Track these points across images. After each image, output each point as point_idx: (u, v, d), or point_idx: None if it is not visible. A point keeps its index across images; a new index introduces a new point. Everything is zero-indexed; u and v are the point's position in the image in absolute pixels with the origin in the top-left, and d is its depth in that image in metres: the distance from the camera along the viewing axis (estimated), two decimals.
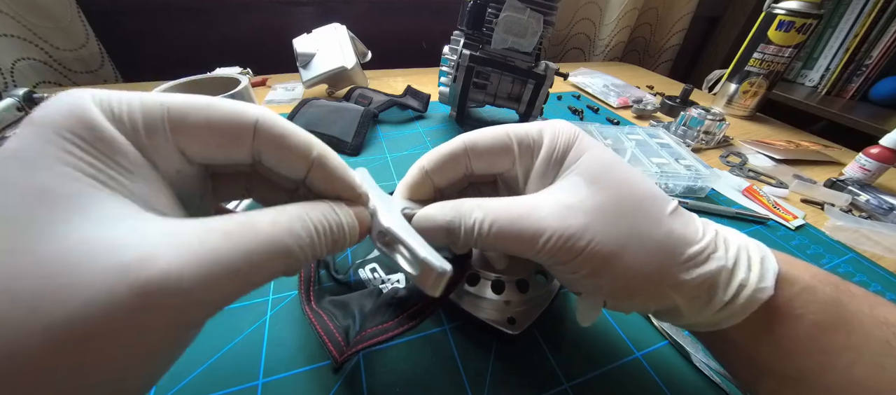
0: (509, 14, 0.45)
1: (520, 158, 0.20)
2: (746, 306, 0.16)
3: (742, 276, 0.16)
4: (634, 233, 0.16)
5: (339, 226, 0.15)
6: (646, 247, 0.16)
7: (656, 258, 0.16)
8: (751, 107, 0.70)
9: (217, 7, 0.72)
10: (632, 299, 0.18)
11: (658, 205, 0.17)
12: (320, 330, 0.23)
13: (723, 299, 0.16)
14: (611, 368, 0.24)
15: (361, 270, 0.30)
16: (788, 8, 0.60)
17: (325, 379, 0.22)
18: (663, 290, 0.17)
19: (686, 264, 0.16)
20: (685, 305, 0.17)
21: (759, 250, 0.17)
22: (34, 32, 0.58)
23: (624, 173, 0.18)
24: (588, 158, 0.18)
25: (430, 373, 0.23)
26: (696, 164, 0.44)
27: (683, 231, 0.17)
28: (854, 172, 0.48)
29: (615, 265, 0.17)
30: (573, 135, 0.19)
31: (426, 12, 0.87)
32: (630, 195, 0.17)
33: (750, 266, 0.16)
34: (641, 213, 0.17)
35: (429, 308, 0.22)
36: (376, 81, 0.72)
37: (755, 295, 0.16)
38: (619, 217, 0.17)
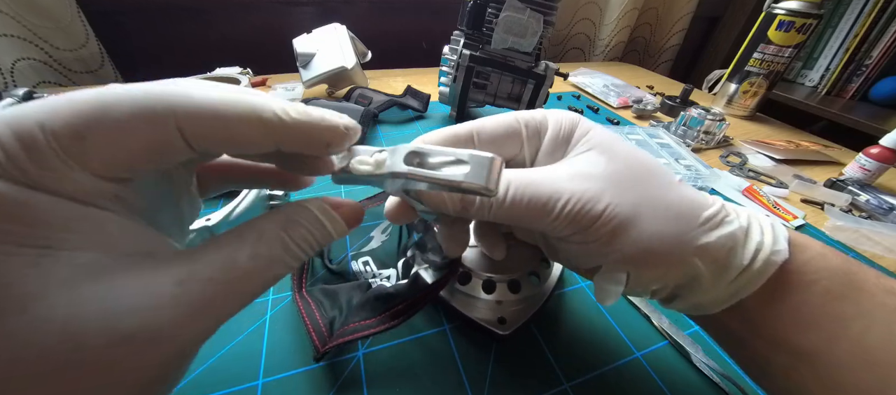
0: (509, 14, 0.45)
1: (528, 140, 0.20)
2: (763, 271, 0.16)
3: (757, 239, 0.16)
4: (649, 197, 0.17)
5: (324, 234, 0.14)
6: (662, 210, 0.17)
7: (674, 221, 0.17)
8: (751, 107, 0.70)
9: (217, 7, 0.72)
10: (654, 267, 0.17)
11: (667, 174, 0.18)
12: (306, 319, 0.24)
13: (742, 262, 0.16)
14: (611, 368, 0.24)
15: (354, 262, 0.30)
16: (788, 8, 0.60)
17: (325, 379, 0.22)
18: (685, 255, 0.16)
19: (703, 226, 0.17)
20: (707, 270, 0.16)
21: (767, 219, 0.17)
22: (34, 32, 0.58)
23: (629, 147, 0.19)
24: (595, 134, 0.19)
25: (431, 373, 0.23)
26: (696, 164, 0.44)
27: (695, 196, 0.17)
28: (854, 173, 0.48)
29: (633, 230, 0.16)
30: (575, 117, 0.20)
31: (426, 12, 0.87)
32: (640, 164, 0.18)
33: (762, 231, 0.17)
34: (654, 179, 0.17)
35: (411, 310, 0.22)
36: (376, 81, 0.72)
37: (772, 258, 0.16)
38: (634, 182, 0.17)
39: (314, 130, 0.13)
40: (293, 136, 0.12)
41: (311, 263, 0.29)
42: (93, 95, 0.10)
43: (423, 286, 0.23)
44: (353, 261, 0.30)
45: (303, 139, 0.13)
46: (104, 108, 0.10)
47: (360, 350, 0.24)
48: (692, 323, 0.27)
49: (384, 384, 0.22)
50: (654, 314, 0.27)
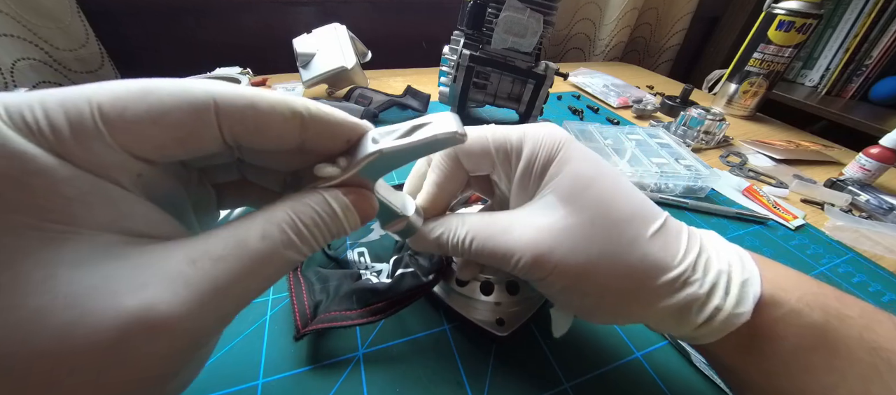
0: (509, 14, 0.45)
1: (499, 164, 0.20)
2: (721, 329, 0.16)
3: (717, 302, 0.16)
4: (605, 255, 0.17)
5: (334, 219, 0.14)
6: (616, 271, 0.17)
7: (626, 283, 0.17)
8: (751, 107, 0.70)
9: (217, 7, 0.72)
10: (600, 316, 0.19)
11: (635, 227, 0.17)
12: (294, 299, 0.24)
13: (695, 321, 0.16)
14: (611, 368, 0.24)
15: (351, 251, 0.30)
16: (788, 8, 0.60)
17: (325, 379, 0.22)
18: (632, 311, 0.18)
19: (658, 290, 0.16)
20: (655, 325, 0.18)
21: (742, 272, 0.17)
22: (34, 32, 0.58)
23: (602, 193, 0.17)
24: (566, 177, 0.18)
25: (430, 373, 0.23)
26: (696, 164, 0.44)
27: (660, 256, 0.17)
28: (854, 172, 0.48)
29: (584, 285, 0.17)
30: (555, 145, 0.18)
31: (426, 12, 0.87)
32: (603, 218, 0.17)
33: (728, 290, 0.16)
34: (615, 236, 0.17)
35: (391, 308, 0.23)
36: (376, 81, 0.72)
37: (730, 319, 0.16)
38: (590, 241, 0.17)
39: (337, 126, 0.14)
40: (319, 129, 0.13)
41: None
42: (138, 80, 0.11)
43: (406, 288, 0.23)
44: (350, 250, 0.30)
45: (327, 134, 0.14)
46: (148, 89, 0.11)
47: (360, 350, 0.24)
48: None
49: (384, 384, 0.22)
50: None
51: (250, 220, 0.12)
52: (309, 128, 0.13)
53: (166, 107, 0.11)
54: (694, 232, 0.18)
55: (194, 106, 0.11)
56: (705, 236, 0.19)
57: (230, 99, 0.11)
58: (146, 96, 0.10)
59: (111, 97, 0.10)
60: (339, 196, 0.14)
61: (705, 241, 0.18)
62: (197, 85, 0.11)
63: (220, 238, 0.11)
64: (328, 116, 0.13)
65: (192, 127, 0.11)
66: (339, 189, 0.14)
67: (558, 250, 0.17)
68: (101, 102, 0.10)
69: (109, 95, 0.10)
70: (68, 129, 0.10)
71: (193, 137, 0.11)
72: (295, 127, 0.13)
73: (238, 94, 0.11)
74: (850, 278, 0.34)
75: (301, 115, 0.12)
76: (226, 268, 0.11)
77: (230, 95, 0.11)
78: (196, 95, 0.11)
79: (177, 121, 0.11)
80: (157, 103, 0.10)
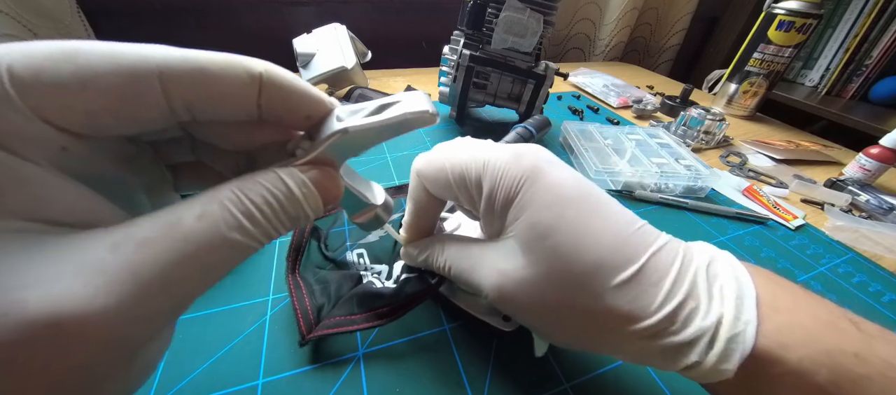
0: (509, 14, 0.45)
1: (460, 197, 0.19)
2: (705, 377, 0.15)
3: (695, 357, 0.15)
4: (566, 306, 0.16)
5: (290, 199, 0.12)
6: (579, 320, 0.16)
7: (592, 329, 0.16)
8: (751, 107, 0.70)
9: (217, 7, 0.72)
10: (576, 348, 0.20)
11: (598, 279, 0.15)
12: (296, 303, 0.24)
13: (675, 367, 0.15)
14: (611, 368, 0.24)
15: (350, 252, 0.30)
16: (788, 8, 0.60)
17: (325, 379, 0.22)
18: (606, 349, 0.17)
19: (628, 336, 0.16)
20: (636, 363, 0.18)
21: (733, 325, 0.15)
22: (34, 33, 0.58)
23: (561, 243, 0.16)
24: (523, 223, 0.17)
25: (430, 373, 0.23)
26: (696, 164, 0.44)
27: (628, 308, 0.15)
28: (854, 172, 0.48)
29: (548, 328, 0.18)
30: (516, 182, 0.17)
31: (426, 12, 0.87)
32: (561, 272, 0.16)
33: (712, 345, 0.15)
34: (573, 290, 0.16)
35: (395, 313, 0.23)
36: (376, 81, 0.72)
37: (712, 374, 0.15)
38: (548, 292, 0.16)
39: (298, 94, 0.12)
40: (277, 95, 0.12)
41: (308, 246, 0.29)
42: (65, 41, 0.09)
43: (409, 294, 0.23)
44: (350, 250, 0.30)
45: (286, 102, 0.12)
46: (76, 49, 0.09)
47: (360, 350, 0.24)
48: None
49: (384, 384, 0.22)
50: None
51: (189, 201, 0.11)
52: (266, 93, 0.11)
53: (97, 70, 0.09)
54: (687, 268, 0.16)
55: (133, 69, 0.09)
56: (705, 266, 0.16)
57: (176, 61, 0.10)
58: (74, 57, 0.09)
59: (24, 57, 0.08)
60: (294, 173, 0.12)
61: (700, 281, 0.16)
62: (136, 47, 0.10)
63: (150, 220, 0.10)
64: (288, 82, 0.12)
65: (130, 93, 0.09)
66: (297, 167, 0.13)
67: (520, 296, 0.17)
68: (11, 62, 0.08)
69: (22, 54, 0.09)
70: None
71: (131, 106, 0.10)
72: (251, 92, 0.11)
73: (185, 56, 0.10)
74: (850, 278, 0.34)
75: (260, 77, 0.11)
76: (152, 253, 0.09)
77: (176, 57, 0.10)
78: (134, 56, 0.09)
79: (110, 86, 0.09)
80: (86, 65, 0.09)
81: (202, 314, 0.25)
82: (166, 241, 0.09)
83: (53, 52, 0.09)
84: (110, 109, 0.10)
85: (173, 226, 0.10)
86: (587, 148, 0.47)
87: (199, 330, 0.24)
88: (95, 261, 0.09)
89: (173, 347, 0.23)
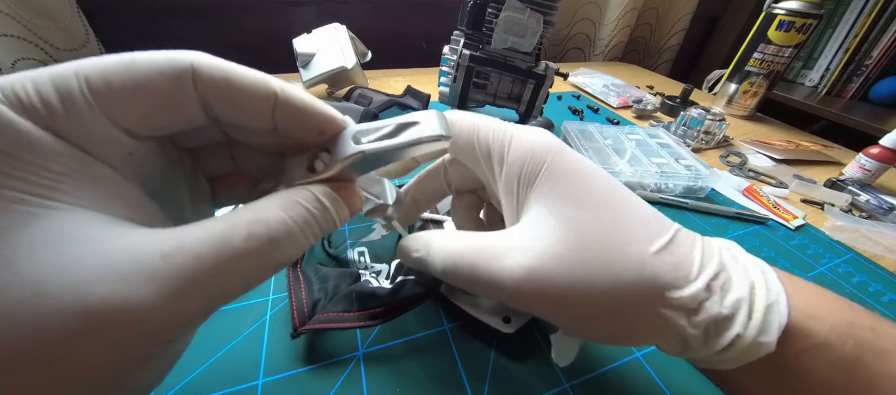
0: (509, 14, 0.45)
1: (482, 159, 0.19)
2: (741, 357, 0.14)
3: (738, 329, 0.14)
4: (608, 280, 0.15)
5: (325, 215, 0.13)
6: (622, 296, 0.15)
7: (635, 307, 0.15)
8: (751, 107, 0.70)
9: (217, 7, 0.72)
10: (611, 341, 0.17)
11: (638, 245, 0.15)
12: (292, 295, 0.24)
13: (713, 347, 0.15)
14: (611, 368, 0.24)
15: (351, 250, 0.30)
16: (788, 8, 0.60)
17: (325, 379, 0.22)
18: (643, 334, 0.16)
19: (670, 312, 0.15)
20: (668, 349, 0.16)
21: (767, 295, 0.14)
22: (34, 32, 0.58)
23: (600, 211, 0.16)
24: (558, 193, 0.16)
25: (430, 373, 0.23)
26: (696, 164, 0.44)
27: (670, 275, 0.15)
28: (854, 172, 0.48)
29: (581, 316, 0.16)
30: (543, 155, 0.17)
31: (426, 12, 0.87)
32: (602, 238, 0.15)
33: (750, 316, 0.14)
34: (617, 255, 0.15)
35: (388, 315, 0.23)
36: (376, 81, 0.72)
37: (752, 349, 0.14)
38: (589, 266, 0.15)
39: (307, 113, 0.13)
40: (289, 113, 0.13)
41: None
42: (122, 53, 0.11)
43: (405, 296, 0.23)
44: (351, 249, 0.30)
45: (297, 119, 0.13)
46: (132, 59, 0.11)
47: (360, 350, 0.24)
48: None
49: (384, 384, 0.22)
50: None
51: (236, 216, 0.12)
52: (281, 109, 0.13)
53: (148, 74, 0.11)
54: (711, 245, 0.16)
55: (175, 71, 0.11)
56: (725, 249, 0.16)
57: (208, 67, 0.11)
58: (129, 66, 0.11)
59: (96, 69, 0.10)
60: (328, 192, 0.14)
61: (726, 256, 0.16)
62: (177, 53, 0.11)
63: (202, 231, 0.11)
64: (298, 101, 0.13)
65: (173, 93, 0.11)
66: (327, 184, 0.14)
67: (556, 277, 0.15)
68: (87, 74, 0.10)
69: (94, 67, 0.10)
70: (58, 102, 0.10)
71: (174, 104, 0.12)
72: (267, 106, 0.13)
73: (216, 64, 0.12)
74: (850, 278, 0.34)
75: (274, 94, 0.12)
76: (201, 268, 0.10)
77: (208, 63, 0.12)
78: (175, 61, 0.11)
79: (158, 87, 0.11)
80: (140, 72, 0.11)
81: None
82: (216, 260, 0.10)
83: (114, 63, 0.11)
84: (159, 108, 0.11)
85: (222, 246, 0.11)
86: (587, 148, 0.47)
87: (200, 330, 0.24)
88: (149, 266, 0.10)
89: None
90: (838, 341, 0.14)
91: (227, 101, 0.12)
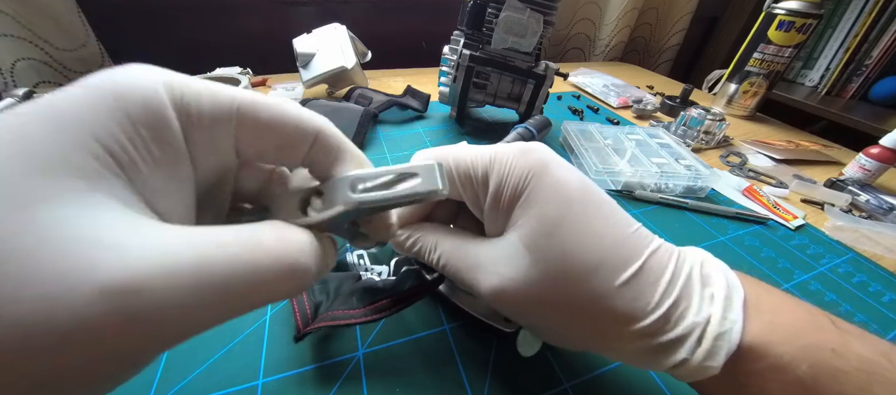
0: (509, 14, 0.45)
1: (464, 191, 0.19)
2: (691, 376, 0.16)
3: (684, 354, 0.15)
4: (568, 308, 0.16)
5: (329, 250, 0.14)
6: (580, 322, 0.17)
7: (592, 331, 0.17)
8: (751, 107, 0.70)
9: (218, 7, 0.72)
10: (566, 346, 0.20)
11: (602, 278, 0.16)
12: (294, 301, 0.24)
13: (663, 366, 0.16)
14: (611, 368, 0.24)
15: (350, 254, 0.31)
16: (788, 8, 0.60)
17: (325, 379, 0.22)
18: (599, 350, 0.18)
19: (624, 337, 0.16)
20: (625, 362, 0.18)
21: (721, 323, 0.15)
22: (34, 32, 0.58)
23: (566, 241, 0.16)
24: (529, 221, 0.17)
25: (431, 373, 0.23)
26: (695, 164, 0.44)
27: (629, 307, 0.16)
28: (854, 172, 0.48)
29: (547, 328, 0.18)
30: (523, 177, 0.17)
31: (426, 12, 0.87)
32: (566, 271, 0.16)
33: (700, 342, 0.15)
34: (578, 290, 0.16)
35: (395, 306, 0.23)
36: (376, 81, 0.72)
37: (698, 371, 0.15)
38: (551, 293, 0.16)
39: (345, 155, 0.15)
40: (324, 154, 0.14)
41: None
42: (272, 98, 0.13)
43: (410, 287, 0.23)
44: (350, 252, 0.30)
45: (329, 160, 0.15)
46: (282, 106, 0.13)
47: (360, 350, 0.24)
48: None
49: (384, 384, 0.22)
50: None
51: (262, 223, 0.12)
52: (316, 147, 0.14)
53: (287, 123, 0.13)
54: (682, 267, 0.17)
55: (305, 130, 0.13)
56: (698, 265, 0.17)
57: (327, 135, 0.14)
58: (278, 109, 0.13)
59: (250, 102, 0.12)
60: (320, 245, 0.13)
61: (694, 278, 0.16)
62: (312, 116, 0.14)
63: (228, 231, 0.11)
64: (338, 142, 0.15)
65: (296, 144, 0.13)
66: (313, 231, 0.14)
67: (521, 298, 0.17)
68: (241, 103, 0.12)
69: (249, 99, 0.12)
70: (210, 115, 0.12)
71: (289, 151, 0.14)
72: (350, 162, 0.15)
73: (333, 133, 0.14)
74: (850, 278, 0.34)
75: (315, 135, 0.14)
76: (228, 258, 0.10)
77: (329, 131, 0.14)
78: (309, 123, 0.13)
79: (289, 136, 0.13)
80: (283, 118, 0.13)
81: None
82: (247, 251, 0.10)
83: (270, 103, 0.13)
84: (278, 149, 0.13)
85: (253, 239, 0.11)
86: (587, 148, 0.47)
87: None
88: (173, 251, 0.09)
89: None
90: (791, 363, 0.14)
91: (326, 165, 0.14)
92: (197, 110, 0.11)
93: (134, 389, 0.21)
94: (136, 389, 0.21)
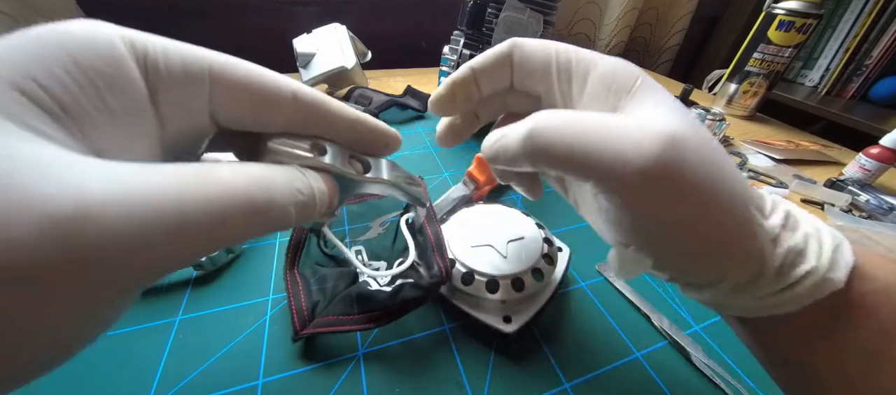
0: (509, 14, 0.45)
1: (557, 76, 0.17)
2: (810, 294, 0.14)
3: (813, 262, 0.14)
4: (719, 173, 0.14)
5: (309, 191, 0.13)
6: (728, 194, 0.14)
7: (732, 213, 0.14)
8: (751, 107, 0.70)
9: (217, 7, 0.72)
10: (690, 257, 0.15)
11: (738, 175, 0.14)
12: (291, 299, 0.24)
13: (785, 281, 0.14)
14: (611, 368, 0.24)
15: (347, 249, 0.30)
16: (788, 8, 0.60)
17: (325, 379, 0.22)
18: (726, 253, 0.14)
19: (752, 236, 0.14)
20: (741, 277, 0.14)
21: (832, 239, 0.15)
22: None
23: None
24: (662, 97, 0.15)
25: (431, 373, 0.23)
26: None
27: (757, 200, 0.15)
28: (854, 172, 0.48)
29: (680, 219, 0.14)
30: (632, 77, 0.15)
31: (426, 12, 0.87)
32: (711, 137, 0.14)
33: (820, 252, 0.14)
34: (724, 157, 0.14)
35: (387, 318, 0.23)
36: (376, 81, 0.72)
37: (822, 284, 0.14)
38: (707, 156, 0.13)
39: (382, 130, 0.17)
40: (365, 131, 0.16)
41: (307, 243, 0.29)
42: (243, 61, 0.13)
43: (403, 300, 0.23)
44: (348, 248, 0.30)
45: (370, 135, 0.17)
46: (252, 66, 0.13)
47: (360, 350, 0.24)
48: (693, 323, 0.27)
49: (384, 384, 0.22)
50: (654, 315, 0.27)
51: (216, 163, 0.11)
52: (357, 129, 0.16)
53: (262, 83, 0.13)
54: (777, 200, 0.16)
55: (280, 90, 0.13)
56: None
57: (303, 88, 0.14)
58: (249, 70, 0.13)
59: (222, 62, 0.12)
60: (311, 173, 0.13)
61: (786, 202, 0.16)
62: (284, 78, 0.13)
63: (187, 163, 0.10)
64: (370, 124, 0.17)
65: (274, 105, 0.13)
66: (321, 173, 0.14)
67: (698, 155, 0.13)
68: (212, 62, 0.12)
69: (221, 60, 0.12)
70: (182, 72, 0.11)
71: (266, 113, 0.13)
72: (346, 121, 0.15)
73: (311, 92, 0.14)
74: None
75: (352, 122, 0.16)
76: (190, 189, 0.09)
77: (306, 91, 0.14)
78: (280, 78, 0.13)
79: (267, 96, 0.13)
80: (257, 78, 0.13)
81: (202, 314, 0.25)
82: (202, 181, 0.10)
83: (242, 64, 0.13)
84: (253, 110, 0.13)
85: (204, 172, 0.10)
86: None
87: (199, 330, 0.24)
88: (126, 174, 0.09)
89: (173, 347, 0.23)
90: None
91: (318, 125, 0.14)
92: (165, 66, 0.11)
93: (134, 388, 0.21)
94: (135, 388, 0.21)
